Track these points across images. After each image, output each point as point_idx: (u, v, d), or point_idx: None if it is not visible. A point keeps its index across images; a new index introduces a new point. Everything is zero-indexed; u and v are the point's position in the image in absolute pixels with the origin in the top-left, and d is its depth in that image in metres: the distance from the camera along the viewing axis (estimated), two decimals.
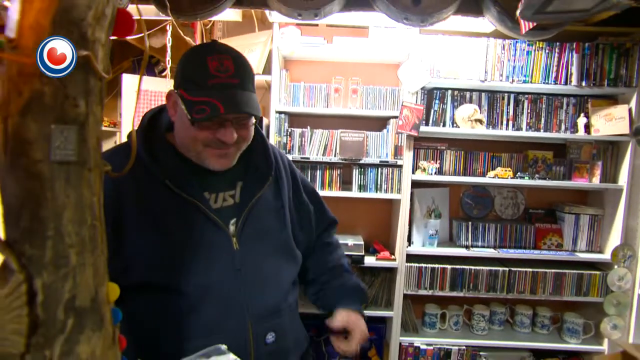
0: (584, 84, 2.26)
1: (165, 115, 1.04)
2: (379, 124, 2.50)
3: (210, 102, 0.88)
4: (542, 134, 2.34)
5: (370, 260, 2.32)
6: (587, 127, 2.31)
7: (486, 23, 1.43)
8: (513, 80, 2.27)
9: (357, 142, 2.31)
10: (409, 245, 2.37)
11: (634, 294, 2.25)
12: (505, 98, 2.36)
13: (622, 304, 2.25)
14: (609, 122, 2.27)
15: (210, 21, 2.61)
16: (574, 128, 2.35)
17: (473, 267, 2.35)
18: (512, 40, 2.23)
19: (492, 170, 2.40)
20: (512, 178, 2.34)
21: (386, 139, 2.34)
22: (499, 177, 2.34)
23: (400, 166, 2.32)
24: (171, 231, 0.95)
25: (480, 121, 2.32)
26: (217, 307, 0.94)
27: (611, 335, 2.25)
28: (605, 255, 2.36)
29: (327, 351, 2.33)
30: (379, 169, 2.34)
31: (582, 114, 2.33)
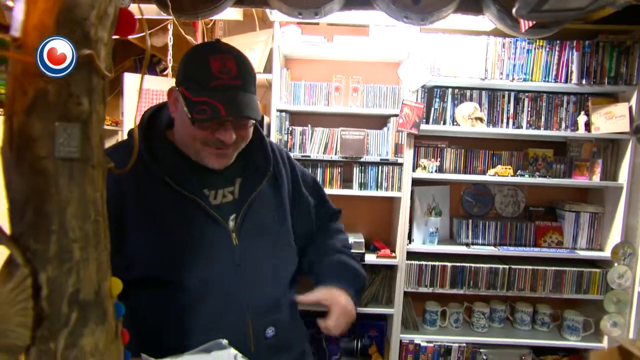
0: (584, 82, 2.26)
1: (165, 113, 1.04)
2: (379, 122, 2.51)
3: (212, 103, 0.89)
4: (542, 132, 2.34)
5: (370, 258, 2.33)
6: (588, 125, 2.31)
7: (486, 21, 1.43)
8: (513, 79, 2.27)
9: (357, 140, 2.32)
10: (410, 243, 2.38)
11: (634, 291, 2.25)
12: (506, 96, 2.36)
13: (622, 302, 2.25)
14: (609, 120, 2.27)
15: (212, 20, 2.62)
16: (574, 126, 2.35)
17: (473, 265, 2.36)
18: (512, 38, 2.23)
19: (492, 168, 2.40)
20: (512, 176, 2.34)
21: (387, 137, 2.35)
22: (499, 175, 2.34)
23: (400, 164, 2.32)
24: (171, 228, 0.96)
25: (481, 119, 2.32)
26: (217, 302, 0.95)
27: (611, 332, 2.26)
28: (606, 253, 2.36)
29: (328, 348, 2.34)
30: (380, 167, 2.34)
31: (583, 112, 2.33)
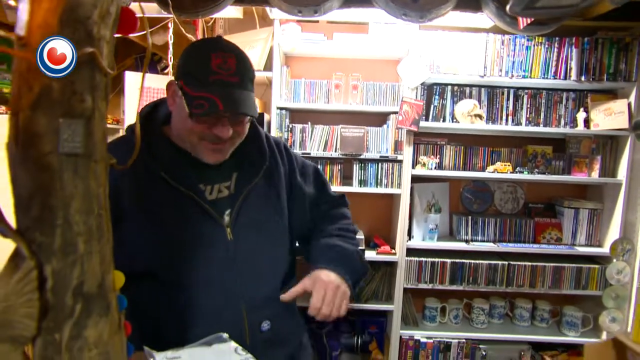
0: (583, 78, 2.27)
1: (161, 110, 1.05)
2: (379, 119, 2.52)
3: (210, 98, 0.89)
4: (541, 128, 2.35)
5: (370, 255, 2.34)
6: (587, 121, 2.32)
7: (485, 18, 1.44)
8: (512, 76, 2.28)
9: (357, 137, 2.33)
10: (409, 239, 2.39)
11: (632, 287, 2.26)
12: (505, 93, 2.37)
13: (620, 297, 2.27)
14: (608, 117, 2.28)
15: (212, 18, 2.63)
16: (574, 123, 2.36)
17: (473, 261, 2.37)
18: (511, 35, 2.24)
19: (491, 165, 2.42)
20: (511, 173, 2.35)
21: (386, 135, 2.36)
22: (498, 172, 2.35)
23: (400, 161, 2.34)
24: (168, 225, 0.96)
25: (480, 116, 2.33)
26: (213, 296, 0.96)
27: (610, 328, 2.27)
28: (604, 249, 2.37)
29: (329, 344, 2.36)
30: (379, 164, 2.36)
31: (582, 109, 2.34)
